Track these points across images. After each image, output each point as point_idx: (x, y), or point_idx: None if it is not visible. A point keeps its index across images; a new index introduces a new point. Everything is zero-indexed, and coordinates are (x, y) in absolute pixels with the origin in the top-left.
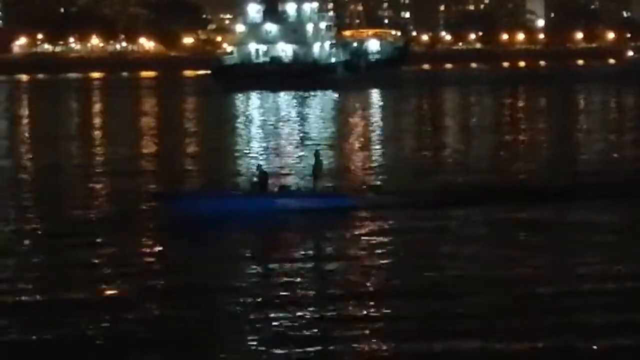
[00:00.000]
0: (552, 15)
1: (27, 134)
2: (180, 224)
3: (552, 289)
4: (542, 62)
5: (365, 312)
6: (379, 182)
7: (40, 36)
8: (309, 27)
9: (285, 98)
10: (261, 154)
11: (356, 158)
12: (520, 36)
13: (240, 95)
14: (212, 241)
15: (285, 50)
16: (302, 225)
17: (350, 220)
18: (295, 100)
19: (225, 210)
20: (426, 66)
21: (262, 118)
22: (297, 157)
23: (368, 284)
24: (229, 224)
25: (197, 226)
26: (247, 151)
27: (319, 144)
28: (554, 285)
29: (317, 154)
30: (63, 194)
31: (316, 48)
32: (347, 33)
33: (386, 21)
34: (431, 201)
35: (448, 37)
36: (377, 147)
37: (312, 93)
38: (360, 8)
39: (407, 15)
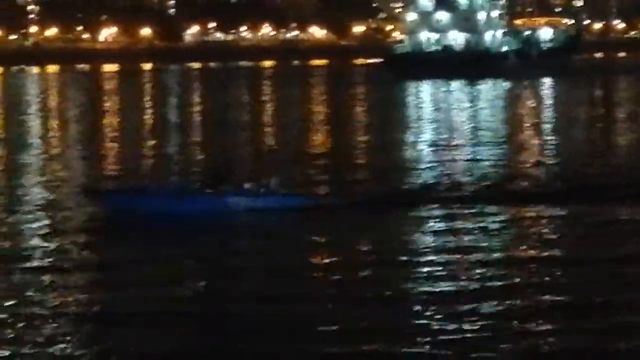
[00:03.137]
0: None
1: (198, 120)
2: (110, 222)
3: None
4: None
5: None
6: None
7: (211, 25)
8: (481, 15)
9: (456, 87)
10: (426, 148)
11: (525, 150)
12: None
13: (411, 83)
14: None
15: (456, 38)
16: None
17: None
18: (466, 89)
19: (165, 209)
20: (598, 54)
21: (433, 107)
22: (469, 154)
23: None
24: (163, 224)
25: (124, 226)
26: (416, 143)
27: (490, 136)
28: None
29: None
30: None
31: (488, 36)
32: (519, 21)
33: (558, 9)
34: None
35: (621, 25)
36: (549, 138)
37: (483, 82)
38: None
39: (580, 3)
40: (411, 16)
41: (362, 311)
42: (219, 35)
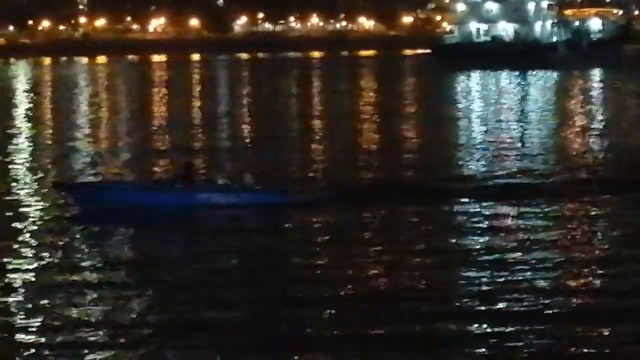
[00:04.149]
0: None
1: (246, 112)
2: (80, 217)
3: None
4: None
5: None
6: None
7: (260, 15)
8: (531, 5)
9: (505, 78)
10: (474, 140)
11: (574, 143)
12: None
13: (460, 74)
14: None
15: (506, 29)
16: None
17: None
18: (515, 80)
19: (135, 204)
20: None
21: (482, 99)
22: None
23: None
24: (132, 218)
25: (94, 220)
26: (464, 135)
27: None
28: None
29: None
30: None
31: (537, 27)
32: (569, 12)
33: (608, 0)
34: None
35: None
36: (597, 131)
37: (533, 72)
38: None
39: None
40: (461, 6)
41: None
42: (268, 25)
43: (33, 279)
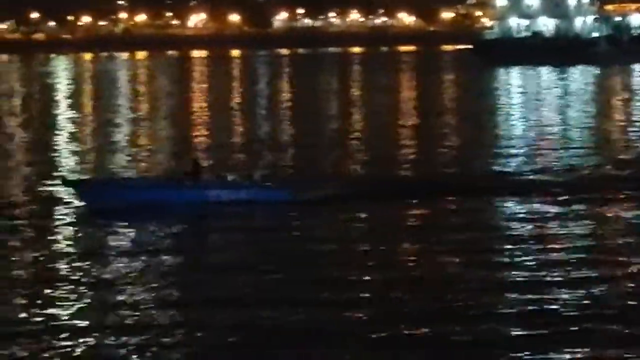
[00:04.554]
0: None
1: (285, 108)
2: (94, 214)
3: None
4: None
5: None
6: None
7: (300, 11)
8: (571, 0)
9: (546, 73)
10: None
11: (614, 138)
12: None
13: (500, 70)
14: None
15: (546, 24)
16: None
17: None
18: (555, 76)
19: (149, 201)
20: None
21: (522, 94)
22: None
23: None
24: (148, 215)
25: (108, 217)
26: (503, 130)
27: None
28: None
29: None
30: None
31: (578, 22)
32: (610, 7)
33: None
34: None
35: None
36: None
37: (573, 68)
38: None
39: None
40: (501, 2)
41: None
42: (308, 21)
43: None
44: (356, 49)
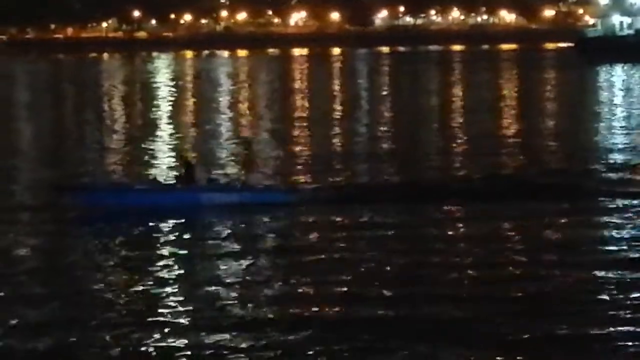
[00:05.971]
0: None
1: (386, 107)
2: (84, 219)
3: None
4: None
5: None
6: None
7: (401, 9)
8: None
9: None
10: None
11: None
12: None
13: (603, 68)
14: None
15: None
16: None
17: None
18: None
19: (142, 205)
20: None
21: (625, 93)
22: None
23: None
24: (140, 219)
25: (99, 221)
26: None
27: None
28: None
29: (246, 143)
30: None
31: None
32: None
33: None
34: None
35: None
36: None
37: None
38: None
39: None
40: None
41: None
42: (409, 19)
43: None
44: (457, 47)
